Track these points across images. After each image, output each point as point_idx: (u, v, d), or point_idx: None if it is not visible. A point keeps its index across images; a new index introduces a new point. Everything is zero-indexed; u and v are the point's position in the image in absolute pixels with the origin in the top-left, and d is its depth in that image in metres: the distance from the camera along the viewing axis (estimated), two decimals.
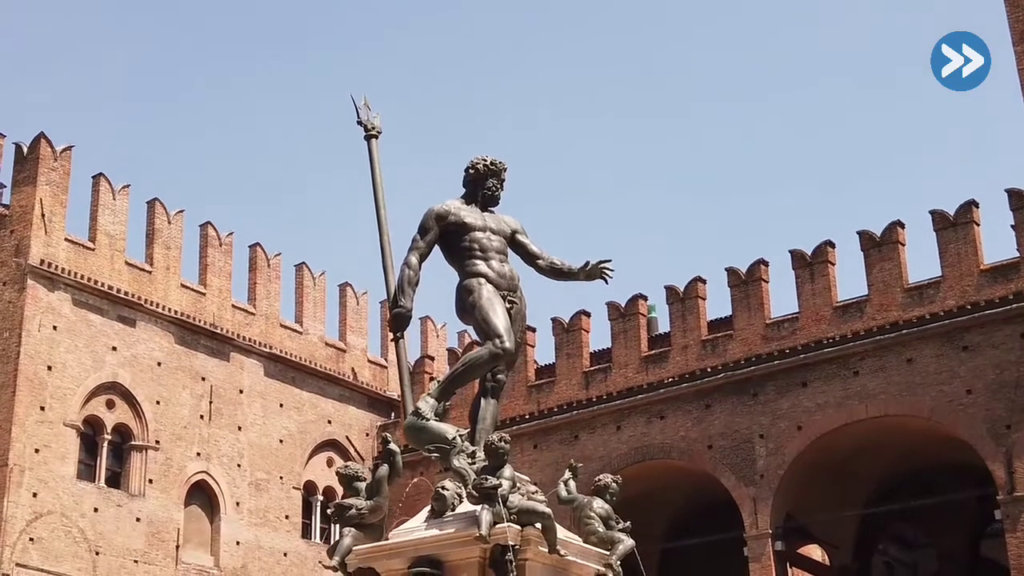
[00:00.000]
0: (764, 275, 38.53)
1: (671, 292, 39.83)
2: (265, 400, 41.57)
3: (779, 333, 37.80)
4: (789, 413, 36.88)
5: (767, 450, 36.98)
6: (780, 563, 37.15)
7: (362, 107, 14.28)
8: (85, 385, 37.11)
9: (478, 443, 12.79)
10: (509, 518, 11.65)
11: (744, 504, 36.95)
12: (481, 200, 13.69)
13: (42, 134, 37.83)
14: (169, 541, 38.04)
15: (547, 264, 13.69)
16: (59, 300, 36.98)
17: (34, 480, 35.38)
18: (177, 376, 39.41)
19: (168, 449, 38.64)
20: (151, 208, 40.18)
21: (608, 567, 12.58)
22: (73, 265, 37.42)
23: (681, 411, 38.60)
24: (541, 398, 41.19)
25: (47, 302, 36.68)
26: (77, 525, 35.97)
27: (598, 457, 39.42)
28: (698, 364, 38.70)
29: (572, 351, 41.19)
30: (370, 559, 12.20)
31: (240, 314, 41.56)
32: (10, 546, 34.37)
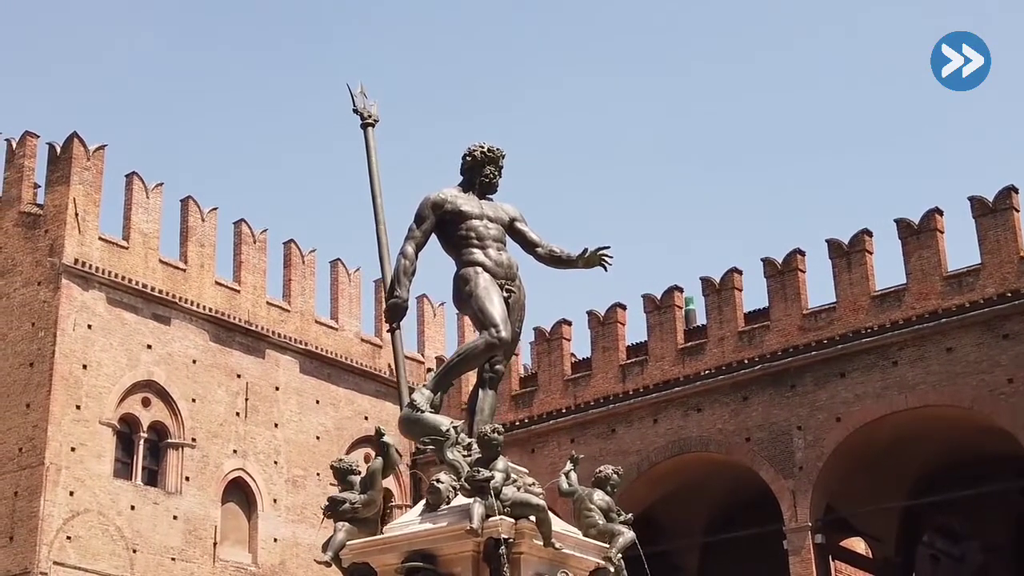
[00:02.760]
0: (801, 265, 38.09)
1: (707, 283, 39.48)
2: (301, 397, 41.57)
3: (816, 324, 37.34)
4: (827, 404, 36.44)
5: (806, 442, 36.55)
6: (821, 556, 36.72)
7: (358, 95, 14.15)
8: (120, 383, 37.21)
9: (476, 435, 12.57)
10: (502, 511, 11.45)
11: (783, 497, 36.56)
12: (479, 188, 13.49)
13: (75, 134, 37.98)
14: (206, 538, 38.10)
15: (546, 252, 13.47)
16: (93, 299, 37.11)
17: (71, 479, 35.51)
18: (212, 373, 39.46)
19: (204, 447, 38.69)
20: (184, 206, 40.23)
21: (607, 560, 12.32)
22: (107, 264, 37.54)
23: (718, 403, 38.25)
24: (578, 392, 40.95)
25: (81, 301, 36.82)
26: (114, 523, 36.08)
27: (635, 451, 39.18)
28: (735, 356, 38.32)
29: (608, 344, 40.92)
30: (364, 553, 12.05)
31: (275, 311, 41.56)
32: (47, 544, 34.52)
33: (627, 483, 39.13)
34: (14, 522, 34.99)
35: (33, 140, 38.96)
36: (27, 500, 34.97)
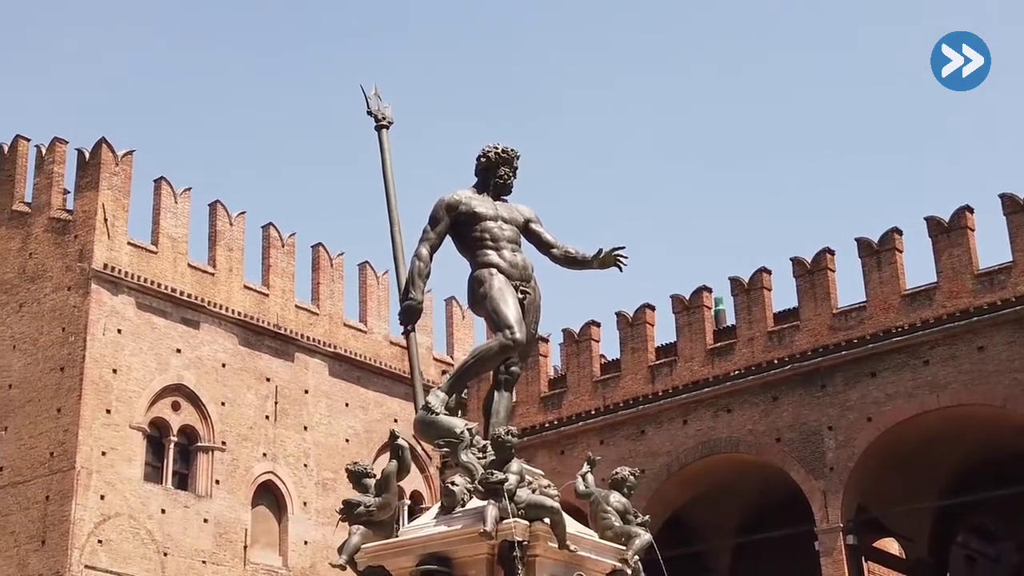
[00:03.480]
0: (830, 264, 37.76)
1: (736, 284, 39.23)
2: (330, 400, 41.64)
3: (846, 323, 37.01)
4: (858, 404, 36.10)
5: (836, 442, 36.24)
6: (853, 557, 36.41)
7: (372, 97, 14.10)
8: (150, 388, 37.40)
9: (490, 437, 12.51)
10: (516, 513, 11.38)
11: (814, 497, 36.25)
12: (493, 189, 13.43)
13: (103, 139, 38.21)
14: (237, 542, 38.21)
15: (561, 253, 13.39)
16: (123, 304, 37.30)
17: (101, 483, 35.70)
18: (242, 377, 39.58)
19: (234, 450, 38.82)
20: (213, 210, 40.40)
21: (624, 562, 12.22)
22: (136, 268, 37.74)
23: (748, 404, 37.96)
24: (607, 393, 40.75)
25: (111, 306, 37.01)
26: (145, 527, 36.24)
27: (665, 452, 38.98)
28: (764, 356, 38.03)
29: (637, 345, 40.71)
30: (379, 557, 12.00)
31: (304, 314, 41.65)
32: (79, 548, 34.72)
33: (657, 484, 39.29)
34: (46, 526, 35.21)
35: (62, 146, 39.22)
36: (58, 504, 35.18)
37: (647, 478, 39.08)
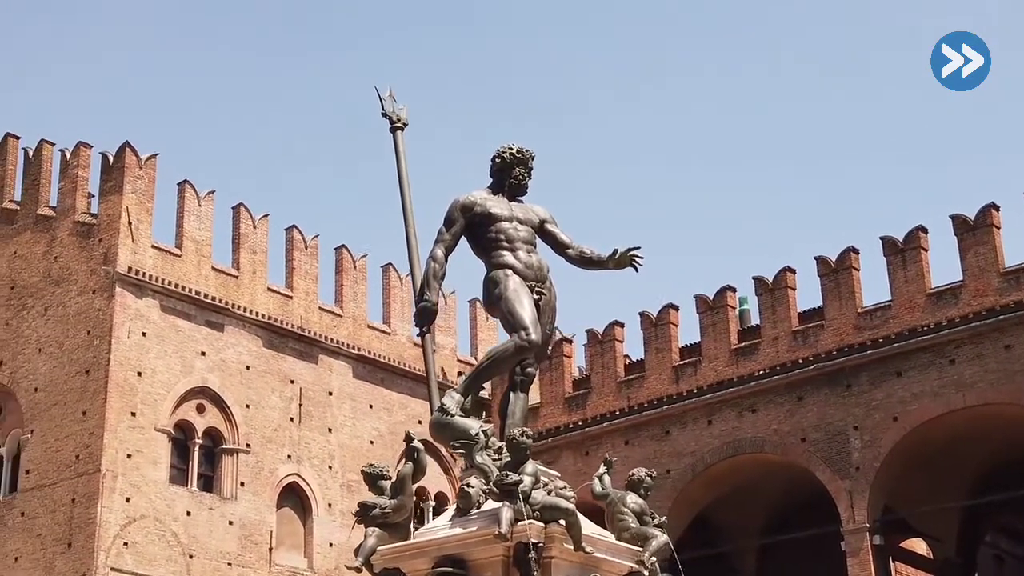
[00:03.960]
0: (855, 263, 37.58)
1: (760, 283, 39.09)
2: (355, 402, 41.68)
3: (872, 322, 36.83)
4: (884, 404, 35.92)
5: (862, 442, 36.07)
6: (880, 557, 36.23)
7: (387, 99, 14.10)
8: (175, 390, 37.51)
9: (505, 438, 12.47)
10: (531, 515, 11.34)
11: (840, 498, 36.09)
12: (508, 190, 13.39)
13: (127, 143, 38.36)
14: (262, 543, 38.30)
15: (576, 253, 13.34)
16: (147, 307, 37.43)
17: (127, 485, 35.84)
18: (266, 379, 39.67)
19: (259, 452, 38.91)
20: (236, 213, 40.50)
21: (641, 564, 12.16)
22: (160, 272, 37.86)
23: (773, 404, 37.81)
24: (631, 393, 40.65)
25: (136, 309, 37.15)
26: (170, 529, 36.36)
27: (689, 452, 38.88)
28: (789, 356, 37.87)
29: (661, 345, 40.60)
30: (394, 559, 11.98)
31: (327, 316, 41.71)
32: (105, 551, 34.86)
33: (682, 485, 39.18)
34: (72, 529, 35.37)
35: (86, 150, 39.39)
36: (84, 507, 35.33)
37: (672, 479, 39.03)
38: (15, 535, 36.36)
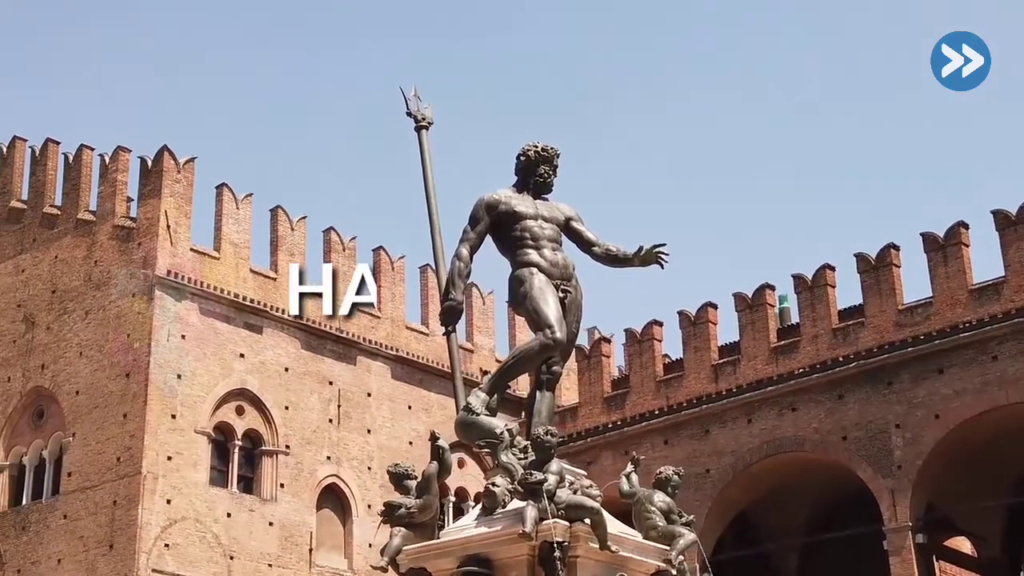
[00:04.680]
0: (895, 260, 37.38)
1: (799, 281, 38.91)
2: (393, 403, 41.71)
3: (913, 319, 36.61)
4: (926, 401, 35.68)
5: (904, 440, 35.84)
6: (923, 556, 35.99)
7: (411, 98, 14.07)
8: (214, 392, 37.64)
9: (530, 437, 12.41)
10: (556, 514, 11.29)
11: (882, 496, 35.88)
12: (533, 187, 13.36)
13: (165, 147, 38.52)
14: (302, 544, 38.39)
15: (602, 251, 13.28)
16: (186, 309, 37.59)
17: (168, 487, 35.98)
18: (305, 381, 39.76)
19: (298, 453, 39.00)
20: (274, 215, 40.58)
21: (668, 562, 12.08)
22: (199, 275, 38.00)
23: (813, 402, 37.66)
24: (670, 393, 40.58)
25: (175, 312, 37.31)
26: (211, 530, 36.49)
27: (729, 451, 38.76)
28: (829, 354, 37.69)
29: (700, 344, 40.49)
30: (420, 559, 11.96)
31: (366, 318, 41.72)
32: (146, 552, 35.02)
33: (722, 484, 39.03)
34: (114, 531, 35.57)
35: (125, 155, 39.59)
36: (125, 509, 35.51)
37: (712, 478, 38.89)
38: (58, 537, 36.62)
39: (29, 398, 39.15)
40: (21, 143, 42.66)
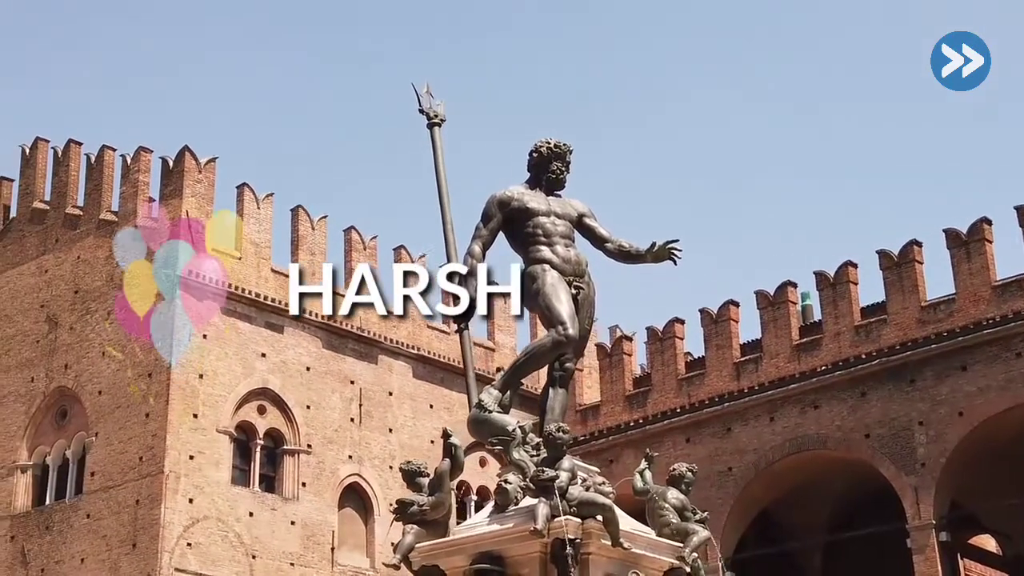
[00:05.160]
0: (918, 256, 37.16)
1: (821, 278, 38.74)
2: (415, 402, 41.73)
3: (936, 316, 36.40)
4: (949, 398, 35.48)
5: (927, 437, 35.64)
6: (947, 554, 35.78)
7: (424, 95, 14.04)
8: (236, 392, 37.73)
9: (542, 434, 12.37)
10: (568, 511, 11.25)
11: (905, 494, 35.69)
12: (546, 184, 13.31)
13: (186, 147, 38.63)
14: (324, 544, 38.44)
15: (615, 247, 13.22)
16: (208, 309, 37.66)
17: (190, 486, 36.09)
18: (326, 380, 39.82)
19: (320, 453, 39.05)
20: (295, 215, 40.67)
21: (681, 560, 12.02)
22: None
23: (836, 400, 37.48)
24: (692, 391, 40.46)
25: (196, 311, 37.40)
26: (233, 529, 36.58)
27: (752, 449, 38.61)
28: (852, 351, 37.51)
29: (722, 342, 40.35)
30: (433, 556, 11.94)
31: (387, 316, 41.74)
32: (168, 551, 35.12)
33: (744, 482, 38.90)
34: (136, 530, 35.69)
35: (147, 155, 39.72)
36: (148, 508, 35.63)
37: (734, 476, 38.77)
38: (81, 536, 36.77)
39: (52, 398, 39.32)
40: (44, 144, 42.86)
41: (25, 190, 42.69)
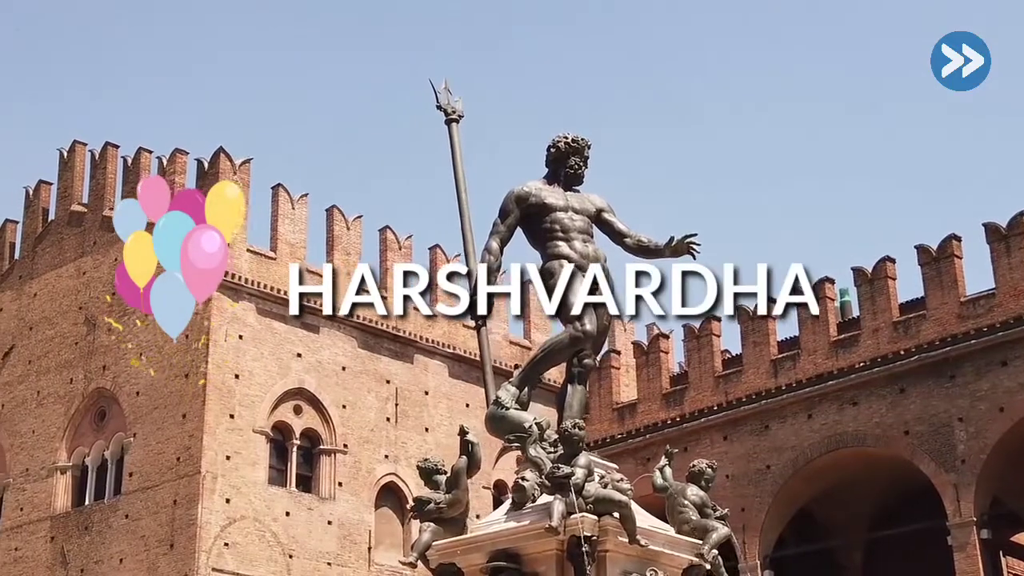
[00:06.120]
0: (957, 251, 36.68)
1: (859, 274, 38.37)
2: (451, 401, 41.73)
3: (975, 311, 35.94)
4: (989, 394, 35.02)
5: (968, 434, 35.20)
6: (989, 551, 35.34)
7: (442, 91, 14.03)
8: (272, 392, 37.88)
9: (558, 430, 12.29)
10: (584, 508, 11.18)
11: (945, 491, 35.26)
12: (564, 179, 13.26)
13: (221, 149, 38.83)
14: (361, 543, 38.51)
15: (634, 242, 13.14)
16: (244, 310, 37.85)
17: (227, 486, 36.25)
18: (362, 380, 39.88)
19: (356, 452, 39.14)
20: (330, 215, 40.76)
21: (701, 557, 11.90)
22: (256, 275, 38.25)
23: (874, 396, 37.07)
24: (729, 388, 40.14)
25: (232, 312, 37.57)
26: (270, 529, 36.71)
27: (790, 447, 38.27)
28: (890, 347, 37.08)
29: (759, 339, 40.02)
30: (450, 554, 11.92)
31: (422, 316, 41.76)
32: (206, 551, 35.30)
33: (783, 480, 38.62)
34: (174, 530, 35.89)
35: (182, 157, 39.94)
36: (185, 508, 35.83)
37: (772, 474, 38.49)
38: (120, 537, 37.01)
39: (91, 399, 39.64)
40: (81, 147, 43.21)
41: (63, 193, 43.04)
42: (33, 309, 42.18)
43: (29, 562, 38.75)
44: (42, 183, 44.02)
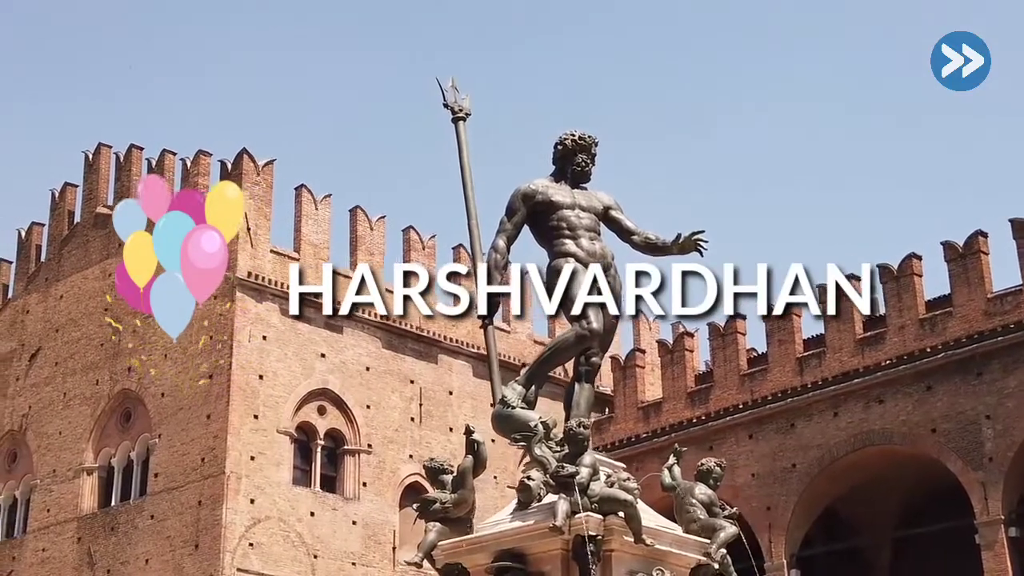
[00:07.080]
0: (983, 247, 36.41)
1: (885, 270, 38.10)
2: (475, 401, 41.65)
3: (1002, 308, 35.66)
4: (1017, 392, 34.72)
5: (995, 431, 34.92)
6: (1017, 550, 35.05)
7: (449, 89, 14.02)
8: (296, 392, 37.91)
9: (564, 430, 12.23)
10: (589, 507, 11.11)
11: (973, 489, 35.00)
12: (571, 177, 13.21)
13: (244, 150, 38.91)
14: (386, 543, 38.51)
15: (641, 240, 13.08)
16: (267, 310, 37.91)
17: (251, 487, 36.31)
18: (386, 380, 39.88)
19: (380, 452, 39.14)
20: (353, 216, 40.75)
21: (708, 556, 11.81)
22: (279, 276, 38.29)
23: (901, 394, 36.83)
24: (754, 387, 39.97)
25: (256, 313, 37.65)
26: (295, 529, 36.76)
27: (816, 445, 38.07)
28: (916, 344, 36.83)
29: (784, 337, 39.81)
30: (455, 554, 11.89)
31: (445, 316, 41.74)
32: (231, 552, 35.37)
33: (809, 479, 38.43)
34: (199, 530, 35.98)
35: (206, 158, 40.05)
36: (210, 509, 35.91)
37: (798, 472, 38.31)
38: (145, 537, 37.14)
39: (117, 400, 39.80)
40: (106, 149, 43.39)
41: (89, 195, 43.24)
42: (59, 311, 42.39)
43: (56, 563, 38.94)
44: (67, 185, 44.24)
